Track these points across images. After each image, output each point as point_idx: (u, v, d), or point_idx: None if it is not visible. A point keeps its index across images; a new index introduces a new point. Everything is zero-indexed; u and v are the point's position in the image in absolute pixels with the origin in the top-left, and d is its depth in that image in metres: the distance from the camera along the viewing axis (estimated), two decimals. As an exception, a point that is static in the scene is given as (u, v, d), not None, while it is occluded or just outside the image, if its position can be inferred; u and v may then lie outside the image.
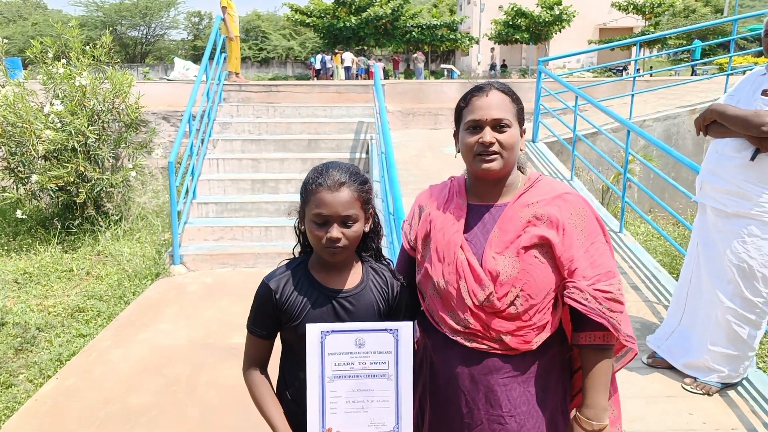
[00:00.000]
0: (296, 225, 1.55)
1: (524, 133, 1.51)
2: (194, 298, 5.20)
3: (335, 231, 1.39)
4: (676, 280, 3.51)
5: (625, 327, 1.41)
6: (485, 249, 1.43)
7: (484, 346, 1.43)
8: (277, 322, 1.49)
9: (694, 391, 2.86)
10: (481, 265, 1.42)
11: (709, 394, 2.83)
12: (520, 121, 1.48)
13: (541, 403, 1.45)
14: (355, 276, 1.51)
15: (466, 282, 1.43)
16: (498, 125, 1.43)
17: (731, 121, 2.61)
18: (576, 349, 1.51)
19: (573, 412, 1.50)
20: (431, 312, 1.51)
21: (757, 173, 2.60)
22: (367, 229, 1.49)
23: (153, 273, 5.63)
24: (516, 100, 1.48)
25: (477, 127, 1.44)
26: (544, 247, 1.41)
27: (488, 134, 1.42)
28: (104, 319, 4.73)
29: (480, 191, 1.51)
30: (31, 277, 5.47)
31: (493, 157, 1.42)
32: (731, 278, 2.71)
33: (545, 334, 1.44)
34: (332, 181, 1.40)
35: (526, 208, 1.44)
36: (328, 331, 1.36)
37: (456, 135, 1.55)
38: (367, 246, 1.57)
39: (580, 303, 1.39)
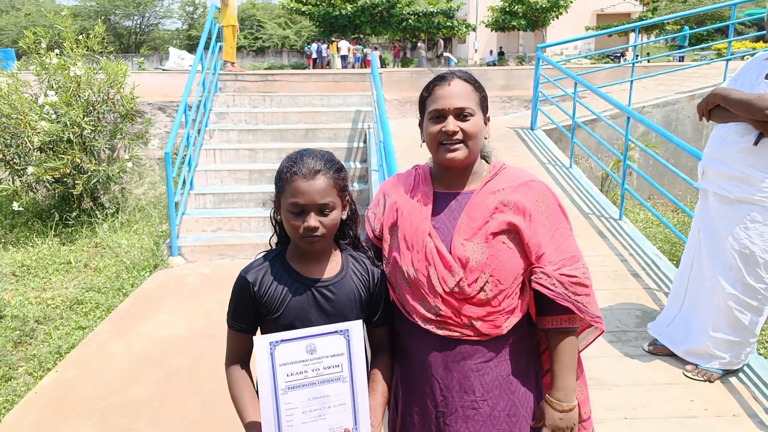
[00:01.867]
0: (272, 215, 1.52)
1: (488, 121, 1.52)
2: (193, 290, 5.19)
3: (312, 220, 1.37)
4: (677, 267, 3.50)
5: (592, 308, 1.45)
6: (453, 236, 1.45)
7: (456, 333, 1.44)
8: (256, 315, 1.45)
9: (696, 377, 2.85)
10: (450, 252, 1.43)
11: (710, 381, 2.83)
12: (484, 109, 1.49)
13: (512, 385, 1.48)
14: (334, 264, 1.49)
15: (436, 269, 1.43)
16: (461, 114, 1.44)
17: (735, 105, 2.58)
18: (542, 332, 1.54)
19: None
20: (402, 302, 1.51)
21: (761, 158, 2.57)
22: (344, 217, 1.48)
23: (151, 265, 5.61)
24: (479, 88, 1.49)
25: (440, 116, 1.45)
26: (512, 233, 1.43)
27: (451, 123, 1.43)
28: (103, 311, 4.72)
29: (446, 179, 1.53)
30: (28, 269, 5.45)
31: (457, 146, 1.44)
32: (733, 264, 2.70)
33: (514, 319, 1.46)
34: (307, 169, 1.37)
35: (493, 195, 1.46)
36: (277, 341, 1.30)
37: (421, 125, 1.55)
38: (345, 233, 1.55)
39: (548, 288, 1.42)
